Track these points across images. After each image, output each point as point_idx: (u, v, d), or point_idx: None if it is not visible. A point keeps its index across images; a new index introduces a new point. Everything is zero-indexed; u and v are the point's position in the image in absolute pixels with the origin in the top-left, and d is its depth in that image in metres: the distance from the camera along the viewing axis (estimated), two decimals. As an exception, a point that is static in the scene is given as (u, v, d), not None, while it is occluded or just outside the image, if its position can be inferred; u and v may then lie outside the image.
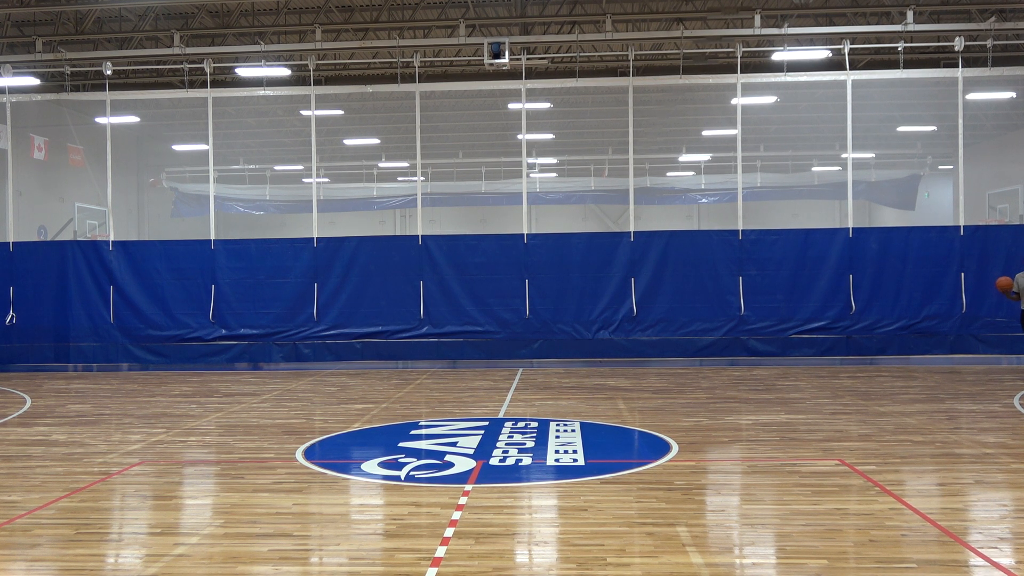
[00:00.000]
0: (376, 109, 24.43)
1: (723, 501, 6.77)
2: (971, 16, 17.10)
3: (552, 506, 6.67)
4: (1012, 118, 25.14)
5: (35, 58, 17.33)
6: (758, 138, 26.98)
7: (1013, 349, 16.35)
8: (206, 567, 5.30)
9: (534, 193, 29.32)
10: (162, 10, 17.86)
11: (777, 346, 16.61)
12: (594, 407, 11.25)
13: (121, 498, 6.95)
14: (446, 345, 17.07)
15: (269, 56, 17.51)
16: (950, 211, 27.98)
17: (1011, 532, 5.89)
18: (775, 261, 16.73)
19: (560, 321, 16.93)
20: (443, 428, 9.87)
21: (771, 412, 10.72)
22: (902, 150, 29.63)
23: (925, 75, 17.85)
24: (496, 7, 18.03)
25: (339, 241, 17.56)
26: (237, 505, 6.70)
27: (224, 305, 17.20)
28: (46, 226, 23.49)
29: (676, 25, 17.47)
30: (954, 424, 9.77)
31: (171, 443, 9.24)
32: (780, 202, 31.73)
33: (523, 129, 17.74)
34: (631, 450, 8.97)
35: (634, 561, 5.27)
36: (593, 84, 19.44)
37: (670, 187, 31.87)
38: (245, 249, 17.67)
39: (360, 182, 31.42)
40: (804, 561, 5.24)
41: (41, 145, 20.62)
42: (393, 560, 5.39)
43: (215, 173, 18.32)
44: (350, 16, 18.36)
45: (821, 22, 18.01)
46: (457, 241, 17.59)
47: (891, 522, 6.00)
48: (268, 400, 12.19)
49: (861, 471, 7.46)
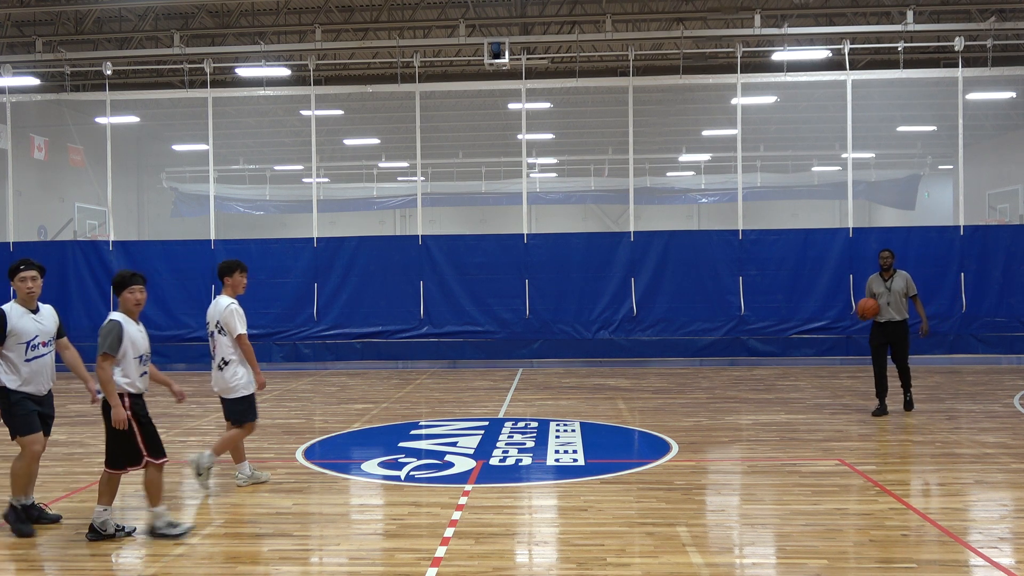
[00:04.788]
0: (376, 109, 24.42)
1: (723, 501, 6.77)
2: (971, 16, 17.09)
3: (552, 506, 6.67)
4: (1012, 118, 25.12)
5: (35, 58, 17.32)
6: (758, 138, 26.95)
7: (1013, 349, 16.35)
8: (206, 567, 5.30)
9: (534, 193, 29.30)
10: (162, 10, 17.86)
11: (777, 346, 16.60)
12: (594, 407, 11.24)
13: (121, 498, 6.94)
14: (446, 345, 17.07)
15: (269, 56, 17.50)
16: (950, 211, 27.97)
17: (1011, 532, 5.89)
18: (775, 261, 16.72)
19: (560, 321, 16.92)
20: (443, 428, 9.87)
21: (771, 412, 10.72)
22: (902, 150, 29.62)
23: (925, 75, 17.85)
24: (496, 7, 18.02)
25: (339, 241, 17.55)
26: (237, 505, 6.71)
27: (224, 305, 17.17)
28: (46, 226, 23.49)
29: (676, 25, 17.46)
30: (954, 424, 9.77)
31: (171, 443, 9.23)
32: (780, 202, 31.70)
33: (523, 129, 17.74)
34: (631, 450, 8.97)
35: (634, 561, 5.27)
36: (593, 84, 19.44)
37: (670, 187, 31.85)
38: (245, 249, 17.65)
39: (360, 182, 31.40)
40: (804, 561, 5.24)
41: (41, 145, 20.62)
42: (393, 560, 5.39)
43: (215, 173, 18.32)
44: (350, 16, 18.36)
45: (821, 22, 18.01)
46: (457, 241, 17.59)
47: (891, 522, 6.00)
48: (268, 400, 12.18)
49: (861, 471, 7.46)
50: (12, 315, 6.02)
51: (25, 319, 6.04)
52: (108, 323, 5.84)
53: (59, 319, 6.34)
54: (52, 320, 6.24)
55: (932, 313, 16.39)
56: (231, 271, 7.42)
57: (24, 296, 6.07)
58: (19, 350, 5.99)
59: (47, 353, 6.14)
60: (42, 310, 6.20)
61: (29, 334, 6.02)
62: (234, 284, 7.41)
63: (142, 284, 5.94)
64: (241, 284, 7.45)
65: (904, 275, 10.34)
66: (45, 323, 6.16)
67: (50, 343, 6.18)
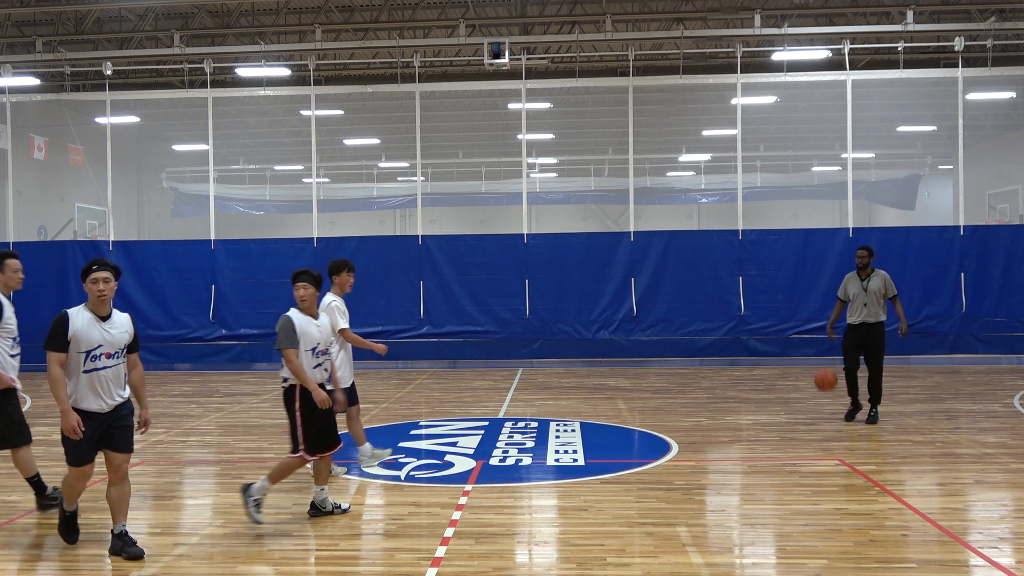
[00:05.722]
0: (376, 109, 24.41)
1: (723, 501, 6.77)
2: (971, 16, 17.08)
3: (552, 506, 6.67)
4: (1012, 118, 25.11)
5: (35, 58, 17.32)
6: (758, 138, 26.93)
7: (1013, 349, 16.34)
8: (206, 567, 5.30)
9: (534, 193, 29.28)
10: (162, 10, 17.85)
11: (777, 346, 16.60)
12: (594, 407, 11.24)
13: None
14: (446, 345, 17.06)
15: (269, 56, 17.50)
16: (950, 211, 27.95)
17: (1011, 532, 5.89)
18: (775, 261, 16.71)
19: (560, 321, 16.92)
20: (443, 428, 9.87)
21: (771, 412, 10.72)
22: (902, 150, 29.61)
23: (925, 75, 17.84)
24: (496, 7, 18.02)
25: (339, 241, 17.55)
26: (237, 505, 6.70)
27: (224, 305, 17.19)
28: (46, 226, 23.48)
29: (676, 25, 17.46)
30: (954, 424, 9.77)
31: (171, 443, 9.23)
32: (780, 202, 31.69)
33: (523, 129, 17.74)
34: (631, 450, 8.97)
35: (634, 561, 5.27)
36: (593, 84, 19.44)
37: (670, 187, 31.85)
38: (245, 249, 17.67)
39: (360, 182, 31.39)
40: (804, 561, 5.24)
41: (41, 145, 20.61)
42: (393, 560, 5.39)
43: (215, 173, 18.31)
44: (350, 16, 18.35)
45: (821, 22, 18.00)
46: (457, 241, 17.58)
47: (891, 522, 6.00)
48: (268, 400, 12.19)
49: (861, 471, 7.46)
50: (76, 320, 5.40)
51: (91, 326, 5.41)
52: (283, 319, 6.16)
53: (134, 330, 5.67)
54: (124, 330, 5.56)
55: (932, 313, 16.42)
56: (339, 270, 7.64)
57: (95, 299, 5.46)
58: (77, 359, 5.37)
59: (111, 366, 5.45)
60: (114, 318, 5.54)
61: (91, 343, 5.37)
62: (341, 283, 7.67)
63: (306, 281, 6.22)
64: (348, 283, 7.71)
65: (882, 275, 9.98)
66: (114, 332, 5.48)
67: (117, 355, 5.48)
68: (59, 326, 5.36)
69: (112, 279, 5.50)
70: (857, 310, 9.86)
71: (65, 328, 5.35)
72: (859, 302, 9.86)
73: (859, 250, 10.11)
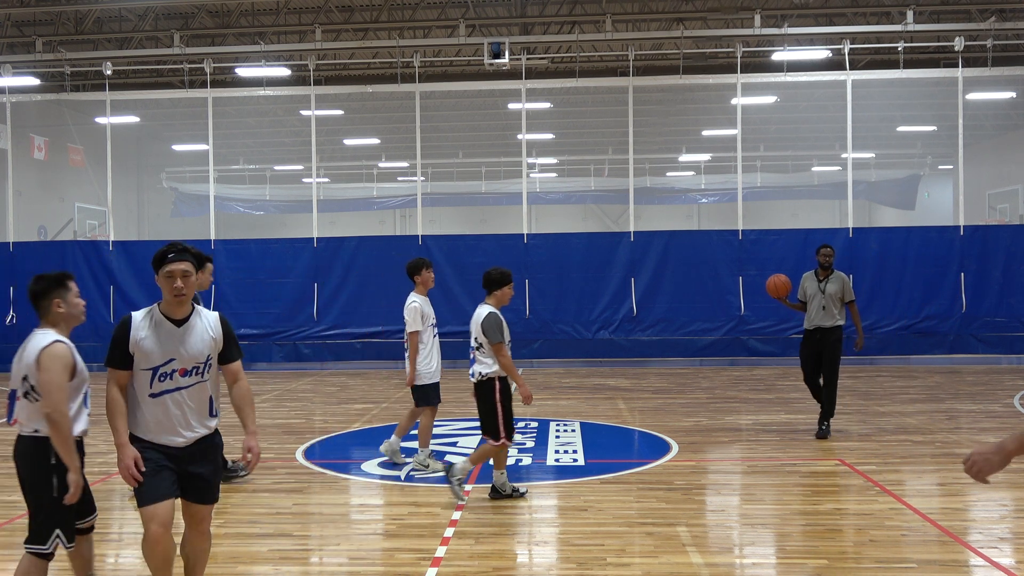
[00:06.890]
0: (376, 109, 24.40)
1: (723, 501, 6.77)
2: (971, 16, 17.08)
3: (552, 506, 6.67)
4: (1012, 118, 25.10)
5: (35, 58, 17.32)
6: (758, 138, 26.92)
7: (1013, 349, 16.34)
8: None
9: (534, 193, 29.27)
10: (162, 10, 17.85)
11: (777, 346, 16.58)
12: (594, 407, 11.25)
13: (121, 498, 6.94)
14: (446, 345, 16.93)
15: (269, 56, 17.50)
16: (950, 211, 27.94)
17: (1011, 532, 5.89)
18: (775, 261, 16.66)
19: (560, 321, 16.91)
20: (443, 428, 9.87)
21: (771, 412, 10.73)
22: (902, 150, 29.60)
23: (925, 75, 17.84)
24: (496, 7, 18.01)
25: (339, 241, 17.55)
26: (237, 505, 6.70)
27: (224, 305, 17.16)
28: (46, 226, 23.47)
29: (676, 25, 17.45)
30: (954, 424, 9.77)
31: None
32: (780, 202, 31.68)
33: (523, 129, 17.74)
34: (631, 450, 8.97)
35: (634, 561, 5.27)
36: (593, 84, 19.43)
37: (670, 187, 31.84)
38: (245, 249, 17.66)
39: (360, 182, 31.38)
40: (804, 561, 5.24)
41: (41, 145, 20.61)
42: (393, 560, 5.39)
43: (215, 173, 18.31)
44: (350, 16, 18.35)
45: (821, 22, 18.00)
46: (457, 241, 17.58)
47: (891, 522, 6.00)
48: (268, 400, 12.19)
49: (861, 471, 7.46)
50: (140, 326, 4.06)
51: (159, 333, 4.07)
52: (489, 315, 6.80)
53: (227, 332, 4.31)
54: (207, 336, 4.18)
55: (932, 313, 16.40)
56: (418, 269, 7.90)
57: (169, 299, 4.10)
58: (143, 379, 4.06)
59: (188, 386, 4.11)
60: (194, 321, 4.17)
61: (160, 357, 4.04)
62: (423, 280, 7.94)
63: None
64: (430, 279, 7.94)
65: (841, 276, 9.14)
66: (192, 341, 4.11)
67: (199, 371, 4.14)
68: (118, 335, 4.07)
69: (192, 272, 4.12)
70: (813, 313, 9.05)
71: (125, 337, 4.04)
72: (816, 304, 9.04)
73: (825, 247, 9.20)
